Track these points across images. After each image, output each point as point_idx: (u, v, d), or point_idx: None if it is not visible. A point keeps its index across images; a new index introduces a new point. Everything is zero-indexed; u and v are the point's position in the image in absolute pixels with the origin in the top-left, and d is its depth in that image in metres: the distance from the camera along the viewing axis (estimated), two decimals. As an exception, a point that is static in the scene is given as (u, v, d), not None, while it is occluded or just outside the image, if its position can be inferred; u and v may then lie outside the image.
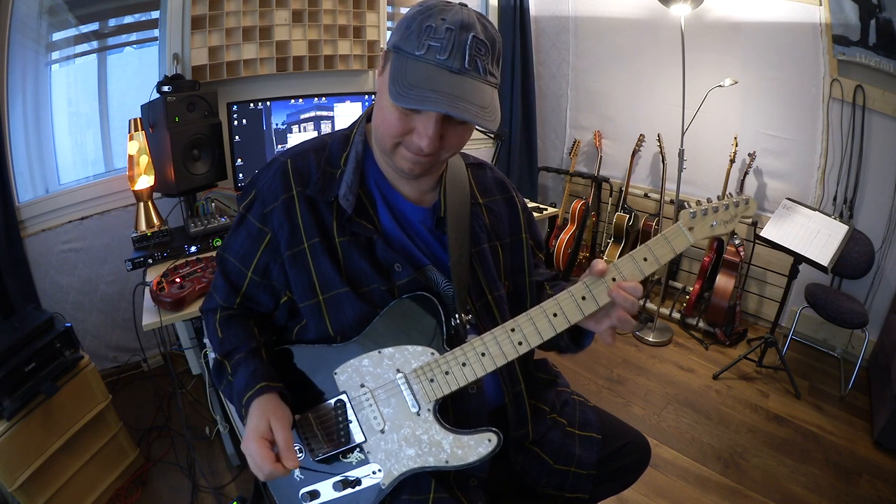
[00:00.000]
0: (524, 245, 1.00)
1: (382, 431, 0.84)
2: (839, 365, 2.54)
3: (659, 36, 2.83)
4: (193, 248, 1.84)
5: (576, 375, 2.44)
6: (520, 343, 0.79)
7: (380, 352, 0.84)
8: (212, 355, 1.51)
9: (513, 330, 0.80)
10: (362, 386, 0.85)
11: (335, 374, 0.86)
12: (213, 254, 1.84)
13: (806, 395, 2.35)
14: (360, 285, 0.85)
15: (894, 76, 2.19)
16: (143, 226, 1.87)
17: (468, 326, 0.86)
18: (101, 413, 1.66)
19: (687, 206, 0.79)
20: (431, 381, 0.82)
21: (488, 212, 0.96)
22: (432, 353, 0.82)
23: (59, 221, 2.02)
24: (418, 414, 0.83)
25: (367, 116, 0.92)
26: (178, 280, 1.58)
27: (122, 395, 2.13)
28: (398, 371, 0.83)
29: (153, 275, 1.66)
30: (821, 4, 2.30)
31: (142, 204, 1.89)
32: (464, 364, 0.81)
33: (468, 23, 0.71)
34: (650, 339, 2.74)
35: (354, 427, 0.85)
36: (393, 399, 0.84)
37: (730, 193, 0.79)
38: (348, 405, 0.85)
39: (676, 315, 2.95)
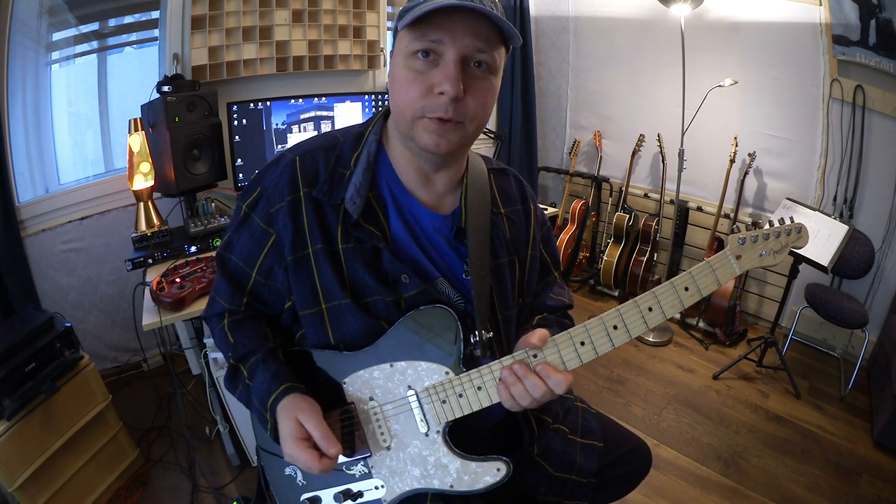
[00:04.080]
0: (534, 262, 0.95)
1: (388, 448, 0.81)
2: (839, 365, 2.54)
3: (659, 36, 2.83)
4: (193, 248, 1.84)
5: (575, 376, 2.41)
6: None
7: (392, 365, 0.80)
8: (213, 355, 1.53)
9: (535, 356, 0.75)
10: (371, 399, 0.81)
11: (344, 383, 0.82)
12: (214, 254, 1.84)
13: (806, 395, 2.35)
14: (361, 296, 0.80)
15: (894, 76, 2.19)
16: (143, 226, 1.87)
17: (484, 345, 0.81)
18: (101, 413, 1.66)
19: (736, 229, 0.71)
20: (444, 402, 0.78)
21: (509, 222, 0.91)
22: (447, 373, 0.78)
23: (59, 221, 2.02)
24: (427, 435, 0.79)
25: (384, 115, 0.87)
26: (178, 280, 1.57)
27: (122, 395, 2.13)
28: (409, 388, 0.79)
29: (153, 275, 1.65)
30: (821, 4, 2.29)
31: (142, 204, 1.89)
32: (479, 388, 0.76)
33: None
34: (650, 339, 2.74)
35: (360, 439, 0.82)
36: (402, 416, 0.80)
37: (781, 219, 0.72)
38: (356, 417, 0.82)
39: (676, 315, 2.95)
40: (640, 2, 2.86)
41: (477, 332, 0.80)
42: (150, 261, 1.77)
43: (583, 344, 0.72)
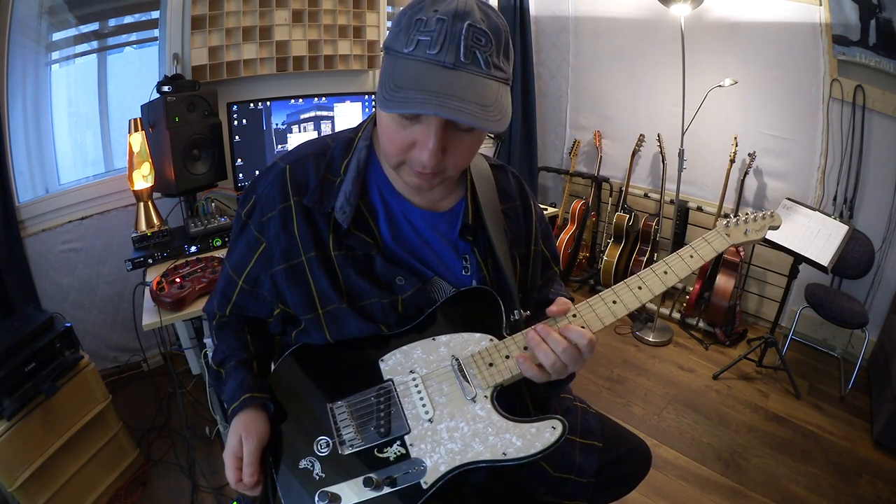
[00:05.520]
0: (536, 257, 0.96)
1: (431, 420, 0.76)
2: (839, 365, 2.54)
3: (659, 36, 2.83)
4: (193, 248, 1.84)
5: (576, 375, 2.43)
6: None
7: (434, 339, 0.81)
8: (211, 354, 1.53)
9: (574, 316, 0.79)
10: (412, 372, 0.80)
11: (381, 361, 0.81)
12: (213, 254, 1.84)
13: (806, 395, 2.35)
14: (358, 300, 0.81)
15: (894, 76, 2.18)
16: (143, 226, 1.87)
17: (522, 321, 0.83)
18: (101, 413, 1.66)
19: (723, 217, 0.97)
20: (490, 365, 0.78)
21: (507, 219, 0.92)
22: (491, 340, 0.80)
23: (59, 221, 2.02)
24: (474, 401, 0.76)
25: (374, 120, 0.86)
26: (178, 280, 1.58)
27: (122, 395, 2.13)
28: (454, 357, 0.79)
29: (153, 275, 1.66)
30: (821, 4, 2.29)
31: (142, 204, 1.89)
32: (525, 348, 0.78)
33: (464, 11, 0.63)
34: (650, 339, 2.74)
35: (397, 416, 0.76)
36: (445, 386, 0.78)
37: (757, 209, 0.95)
38: (394, 392, 0.78)
39: (676, 315, 2.95)
40: (640, 2, 2.86)
41: (516, 312, 0.82)
42: (150, 261, 1.77)
43: (614, 302, 0.82)
